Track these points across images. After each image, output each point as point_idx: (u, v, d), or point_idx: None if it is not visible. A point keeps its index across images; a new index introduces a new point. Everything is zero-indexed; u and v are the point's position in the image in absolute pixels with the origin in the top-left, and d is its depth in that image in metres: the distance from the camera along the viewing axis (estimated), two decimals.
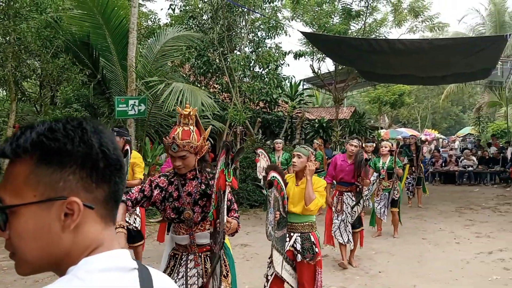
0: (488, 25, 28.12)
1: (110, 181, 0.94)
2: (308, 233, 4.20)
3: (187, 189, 2.87)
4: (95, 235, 0.93)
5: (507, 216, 10.01)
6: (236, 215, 2.99)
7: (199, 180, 2.88)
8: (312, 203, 4.02)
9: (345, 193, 6.44)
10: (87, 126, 0.93)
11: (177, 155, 2.79)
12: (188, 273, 2.91)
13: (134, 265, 0.95)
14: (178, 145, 2.78)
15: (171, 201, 2.87)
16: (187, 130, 2.84)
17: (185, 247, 2.93)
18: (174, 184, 2.90)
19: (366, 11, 16.27)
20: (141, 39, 11.72)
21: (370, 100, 29.73)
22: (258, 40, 13.25)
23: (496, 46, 11.22)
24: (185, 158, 2.80)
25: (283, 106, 17.47)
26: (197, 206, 2.85)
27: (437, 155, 17.84)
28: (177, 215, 2.86)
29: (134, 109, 9.50)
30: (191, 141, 2.81)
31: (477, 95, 36.85)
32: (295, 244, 4.16)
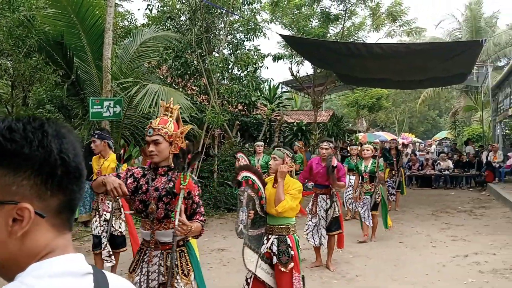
0: (465, 30, 28.66)
1: (66, 190, 0.90)
2: (285, 235, 4.17)
3: (156, 184, 2.93)
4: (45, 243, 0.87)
5: (482, 219, 10.11)
6: (202, 219, 3.01)
7: (169, 177, 2.93)
8: (280, 204, 4.01)
9: (319, 195, 6.47)
10: (49, 129, 0.88)
11: (151, 138, 2.88)
12: (150, 268, 2.94)
13: (88, 270, 0.90)
14: (153, 129, 2.89)
15: (140, 193, 2.93)
16: (165, 119, 2.98)
17: (149, 242, 2.98)
18: (146, 177, 2.98)
19: (345, 15, 16.36)
20: (117, 39, 11.50)
21: (348, 104, 29.97)
22: (236, 42, 13.16)
23: (472, 51, 11.39)
24: (158, 144, 2.88)
25: (262, 109, 17.43)
26: (161, 202, 2.89)
27: (414, 159, 18.00)
28: (143, 207, 2.93)
29: (109, 111, 9.30)
30: (167, 127, 2.91)
31: (453, 100, 37.44)
32: (272, 246, 4.16)
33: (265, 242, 4.19)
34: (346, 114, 33.54)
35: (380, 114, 37.64)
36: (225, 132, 13.17)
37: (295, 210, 4.22)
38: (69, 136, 0.92)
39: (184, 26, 12.47)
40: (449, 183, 16.70)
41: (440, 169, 17.05)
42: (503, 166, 15.84)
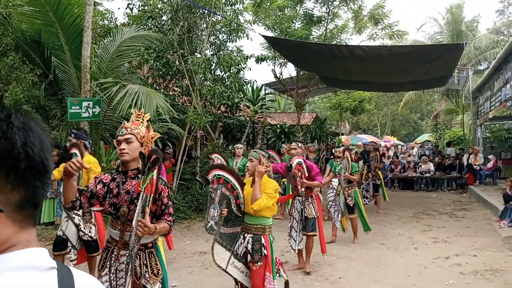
0: (446, 34, 28.98)
1: (29, 185, 0.87)
2: (260, 235, 4.25)
3: (127, 187, 2.98)
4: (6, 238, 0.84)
5: (463, 221, 10.18)
6: (170, 219, 3.06)
7: (139, 180, 2.97)
8: (255, 203, 4.09)
9: (296, 197, 6.44)
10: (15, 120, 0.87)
11: (123, 137, 2.96)
12: (118, 267, 2.99)
13: (52, 265, 0.88)
14: (126, 128, 3.00)
15: (111, 197, 2.99)
16: (137, 123, 3.09)
17: (118, 242, 3.03)
18: (116, 181, 3.02)
19: (328, 17, 16.39)
20: (96, 38, 11.33)
21: (331, 106, 30.07)
22: (219, 43, 13.05)
23: (453, 54, 11.46)
24: (129, 143, 2.96)
25: (245, 111, 17.32)
26: (133, 204, 2.93)
27: (396, 161, 18.11)
28: (114, 210, 2.98)
29: (88, 111, 9.13)
30: (139, 129, 3.03)
31: (434, 103, 37.88)
32: (248, 244, 4.23)
33: (242, 241, 4.27)
34: (329, 116, 33.65)
35: (362, 117, 37.88)
36: (207, 133, 13.04)
37: (272, 210, 4.30)
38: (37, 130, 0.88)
39: (166, 26, 12.30)
40: (431, 185, 16.84)
41: (421, 171, 17.18)
42: (483, 169, 16.00)
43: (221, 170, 4.18)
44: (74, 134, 5.48)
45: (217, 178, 4.13)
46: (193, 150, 12.62)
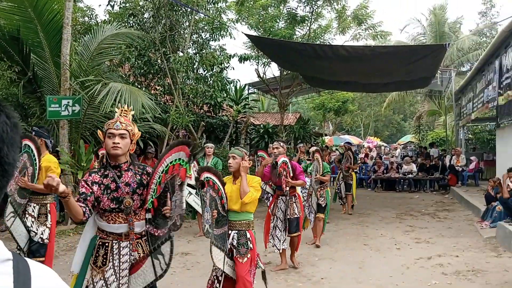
0: (429, 35, 29.20)
1: None
2: (245, 230, 4.44)
3: (125, 180, 3.05)
4: None
5: (445, 222, 10.22)
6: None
7: (133, 171, 3.10)
8: (246, 196, 4.31)
9: (280, 196, 6.42)
10: None
11: (118, 132, 3.01)
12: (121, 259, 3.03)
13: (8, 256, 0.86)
14: (121, 123, 3.04)
15: (109, 192, 3.01)
16: (127, 118, 3.16)
17: (119, 235, 3.06)
18: (109, 176, 3.05)
19: (311, 17, 16.34)
20: (76, 35, 11.12)
21: (314, 107, 30.14)
22: (202, 42, 12.92)
23: (436, 54, 11.52)
24: (124, 138, 3.02)
25: (228, 110, 17.22)
26: (135, 194, 3.05)
27: (379, 162, 18.17)
28: (116, 205, 3.01)
29: (67, 110, 8.97)
30: (132, 125, 3.13)
31: (417, 104, 38.18)
32: (233, 240, 4.39)
33: (228, 239, 4.41)
34: (313, 117, 33.71)
35: (346, 118, 38.04)
36: (190, 133, 12.89)
37: (255, 204, 4.54)
38: None
39: (148, 23, 12.14)
40: (413, 186, 16.92)
41: (404, 172, 17.26)
42: (466, 170, 16.14)
43: (208, 173, 4.28)
44: (34, 131, 5.29)
45: (207, 180, 4.23)
46: None
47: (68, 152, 9.20)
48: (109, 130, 3.04)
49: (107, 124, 3.09)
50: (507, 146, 11.39)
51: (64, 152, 9.01)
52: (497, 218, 8.56)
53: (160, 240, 3.04)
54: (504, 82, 10.53)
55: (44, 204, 5.21)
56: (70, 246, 7.77)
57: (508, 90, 10.12)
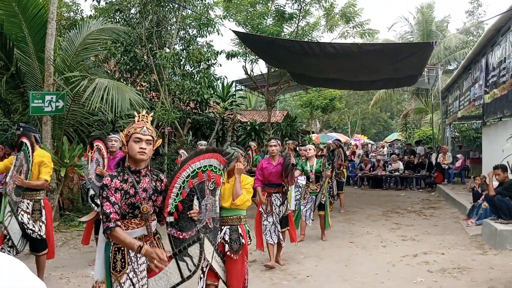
0: (416, 33, 29.35)
1: None
2: (237, 225, 4.57)
3: (142, 186, 3.02)
4: None
5: (431, 219, 10.25)
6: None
7: (150, 177, 3.08)
8: (238, 198, 4.46)
9: (273, 194, 6.40)
10: None
11: (146, 137, 2.98)
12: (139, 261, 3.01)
13: None
14: (148, 129, 3.02)
15: (128, 197, 2.97)
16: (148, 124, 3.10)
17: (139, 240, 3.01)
18: (129, 181, 2.99)
19: (299, 14, 16.32)
20: (61, 30, 10.94)
21: (302, 104, 30.15)
22: (189, 38, 12.80)
23: (423, 52, 11.54)
24: (149, 144, 3.00)
25: (215, 107, 17.12)
26: (150, 200, 3.04)
27: (366, 160, 18.20)
28: (131, 210, 2.99)
29: (51, 106, 8.81)
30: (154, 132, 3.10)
31: (404, 102, 38.38)
32: (225, 235, 4.50)
33: (219, 233, 4.50)
34: (300, 114, 33.71)
35: (333, 115, 38.10)
36: (176, 130, 12.78)
37: (247, 204, 4.62)
38: None
39: (134, 19, 11.98)
40: (400, 184, 16.98)
41: (391, 170, 17.31)
42: (452, 168, 16.23)
43: None
44: (22, 127, 5.27)
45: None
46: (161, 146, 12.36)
47: (51, 148, 9.05)
48: (136, 134, 2.98)
49: (133, 128, 3.02)
50: (493, 144, 11.47)
51: (47, 148, 8.84)
52: (482, 216, 8.59)
53: (187, 242, 3.11)
54: (490, 81, 10.58)
55: (37, 200, 5.21)
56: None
57: (494, 88, 10.17)
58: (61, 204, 9.62)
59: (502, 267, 6.22)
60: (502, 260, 6.61)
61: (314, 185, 8.00)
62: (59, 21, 10.19)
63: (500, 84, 9.63)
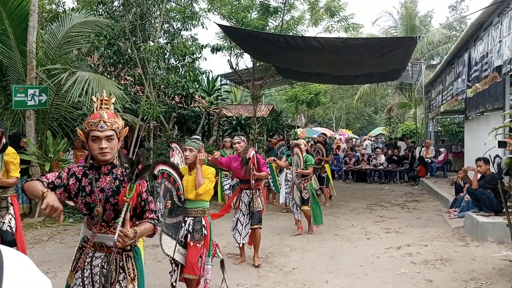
0: (400, 28, 29.56)
1: None
2: (200, 217, 4.70)
3: (101, 185, 2.66)
4: None
5: (414, 212, 10.39)
6: (152, 216, 2.74)
7: (113, 175, 2.68)
8: (200, 187, 4.56)
9: (244, 190, 6.32)
10: None
11: (104, 134, 2.58)
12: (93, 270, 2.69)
13: None
14: (106, 123, 2.60)
15: (84, 195, 2.66)
16: (110, 112, 2.69)
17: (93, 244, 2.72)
18: (88, 177, 2.69)
19: (284, 8, 16.28)
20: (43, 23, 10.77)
21: (287, 99, 30.20)
22: (173, 31, 12.71)
23: (407, 47, 11.61)
24: (111, 140, 2.62)
25: (200, 102, 17.04)
26: (108, 203, 2.64)
27: (350, 154, 18.33)
28: (88, 211, 2.67)
29: (34, 99, 8.71)
30: (118, 122, 2.67)
31: (388, 97, 38.69)
32: (189, 226, 4.64)
33: (184, 225, 4.65)
34: (285, 109, 33.79)
35: (318, 110, 38.26)
36: (161, 124, 12.70)
37: (210, 194, 4.73)
38: None
39: (117, 12, 11.85)
40: (384, 177, 17.14)
41: (375, 164, 17.46)
42: (435, 162, 16.41)
43: (164, 165, 4.51)
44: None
45: (161, 172, 4.45)
46: (146, 141, 12.29)
47: (35, 143, 8.95)
48: (93, 132, 2.59)
49: (88, 124, 2.62)
50: (475, 138, 11.62)
51: (31, 143, 8.76)
52: (465, 208, 8.73)
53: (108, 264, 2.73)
54: (473, 75, 10.69)
55: (4, 198, 5.08)
56: (38, 239, 7.58)
57: (476, 83, 10.28)
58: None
59: (483, 259, 6.34)
60: (484, 251, 6.73)
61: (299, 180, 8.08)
62: (41, 13, 10.04)
63: (482, 78, 9.74)
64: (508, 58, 7.87)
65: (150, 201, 2.74)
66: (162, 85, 11.63)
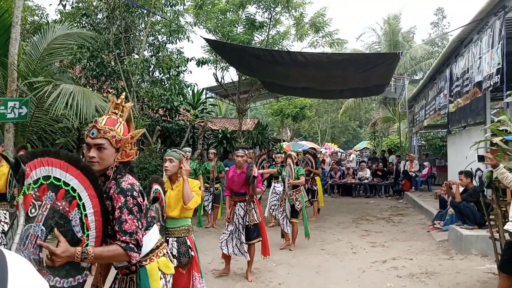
0: (384, 44, 29.93)
1: None
2: (184, 237, 4.25)
3: None
4: None
5: (399, 226, 10.38)
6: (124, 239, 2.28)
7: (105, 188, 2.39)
8: (191, 201, 4.10)
9: (238, 203, 6.25)
10: None
11: (94, 142, 2.31)
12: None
13: None
14: (99, 130, 2.31)
15: None
16: (114, 119, 2.39)
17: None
18: None
19: (270, 23, 16.39)
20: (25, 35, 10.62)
21: (273, 113, 30.27)
22: (158, 44, 12.65)
23: (390, 62, 11.72)
24: (102, 150, 2.31)
25: (185, 115, 16.95)
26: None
27: (336, 168, 18.34)
28: None
29: (13, 112, 8.51)
30: (115, 130, 2.34)
31: (372, 111, 39.00)
32: (172, 249, 4.14)
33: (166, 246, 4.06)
34: (271, 122, 33.84)
35: (303, 124, 38.37)
36: (144, 137, 12.56)
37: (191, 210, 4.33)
38: None
39: (101, 24, 11.75)
40: (369, 191, 17.16)
41: (360, 177, 17.50)
42: (419, 175, 16.51)
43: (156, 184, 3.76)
44: None
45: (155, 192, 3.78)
46: None
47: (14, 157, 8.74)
48: (86, 138, 2.37)
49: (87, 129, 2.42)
50: (457, 151, 11.70)
51: (9, 157, 8.55)
52: (449, 221, 8.74)
53: None
54: (454, 90, 10.83)
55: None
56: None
57: (458, 97, 10.41)
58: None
59: (468, 271, 6.33)
60: (468, 264, 6.73)
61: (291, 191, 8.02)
62: (23, 25, 9.90)
63: (463, 93, 9.89)
64: (488, 74, 8.00)
65: (125, 220, 2.26)
66: (146, 98, 11.51)
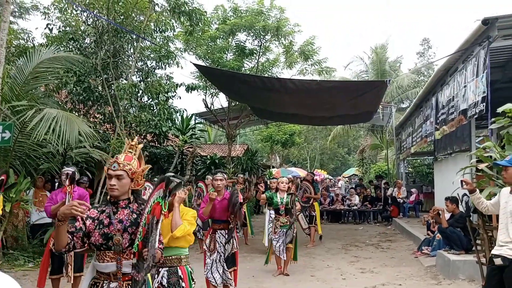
0: (371, 72, 30.37)
1: None
2: (176, 267, 4.10)
3: (119, 217, 2.96)
4: None
5: (388, 252, 10.35)
6: (161, 246, 3.12)
7: (131, 209, 2.99)
8: (178, 229, 4.00)
9: (218, 231, 6.00)
10: None
11: (115, 173, 2.92)
12: None
13: None
14: (119, 164, 2.94)
15: (101, 227, 2.92)
16: (130, 156, 3.04)
17: (108, 275, 2.92)
18: (105, 212, 2.98)
19: (259, 50, 16.54)
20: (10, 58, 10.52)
21: (262, 139, 30.28)
22: (147, 69, 12.64)
23: (378, 90, 11.81)
24: (121, 179, 2.93)
25: (174, 140, 16.85)
26: (126, 232, 2.92)
27: (325, 194, 18.26)
28: (104, 241, 2.91)
29: None
30: (132, 164, 2.98)
31: (360, 138, 39.20)
32: (162, 279, 4.01)
33: (156, 277, 3.93)
34: (260, 149, 33.81)
35: (293, 150, 38.40)
36: None
37: (189, 240, 4.18)
38: None
39: (89, 49, 11.69)
40: (358, 218, 17.11)
41: (349, 204, 17.46)
42: (406, 202, 16.51)
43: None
44: None
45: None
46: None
47: None
48: (108, 171, 2.98)
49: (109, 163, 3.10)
50: (444, 178, 11.73)
51: None
52: (436, 247, 8.71)
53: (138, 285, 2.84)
54: (440, 118, 10.96)
55: None
56: None
57: (443, 125, 10.52)
58: (4, 242, 8.97)
59: None
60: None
61: (285, 217, 7.87)
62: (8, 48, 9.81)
63: (449, 121, 10.01)
64: (472, 102, 8.10)
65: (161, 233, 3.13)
66: (134, 123, 11.41)
